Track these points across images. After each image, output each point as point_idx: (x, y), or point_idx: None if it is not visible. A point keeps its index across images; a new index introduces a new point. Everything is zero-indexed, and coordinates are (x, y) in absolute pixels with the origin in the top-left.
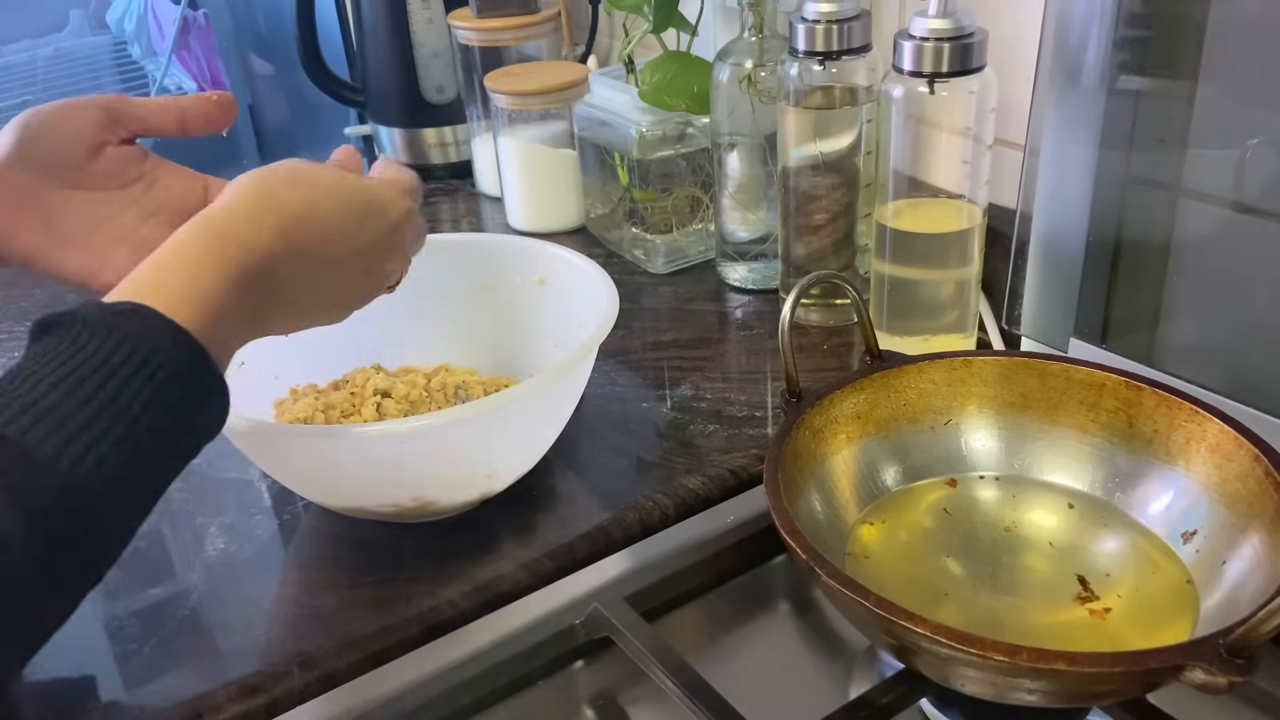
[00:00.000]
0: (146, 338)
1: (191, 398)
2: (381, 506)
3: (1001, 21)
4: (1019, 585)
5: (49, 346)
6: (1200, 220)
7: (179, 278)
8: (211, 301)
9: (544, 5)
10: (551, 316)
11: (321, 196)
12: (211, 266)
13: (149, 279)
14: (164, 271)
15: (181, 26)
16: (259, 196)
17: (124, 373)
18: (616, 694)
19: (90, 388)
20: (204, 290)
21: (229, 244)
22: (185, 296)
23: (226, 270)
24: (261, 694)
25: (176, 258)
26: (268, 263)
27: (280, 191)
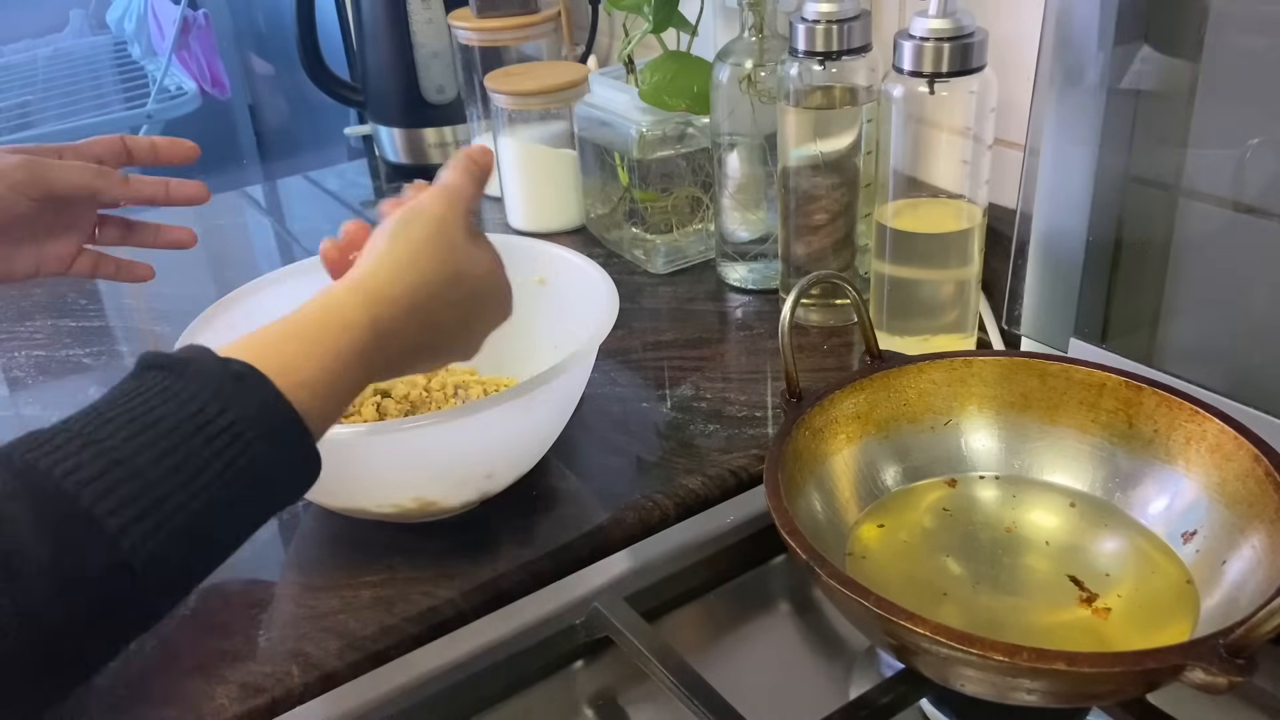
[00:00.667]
0: (249, 408)
1: (277, 471)
2: (381, 506)
3: (1001, 21)
4: (1019, 585)
5: (150, 383)
6: (1200, 220)
7: (303, 355)
8: (330, 380)
9: (544, 5)
10: (551, 316)
11: (466, 276)
12: (338, 346)
13: (273, 346)
14: (291, 345)
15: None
16: (406, 272)
17: (216, 442)
18: (616, 694)
19: (175, 451)
20: (324, 370)
21: (363, 328)
22: (302, 376)
23: (354, 348)
24: (261, 694)
25: (309, 328)
26: (393, 342)
27: (427, 270)
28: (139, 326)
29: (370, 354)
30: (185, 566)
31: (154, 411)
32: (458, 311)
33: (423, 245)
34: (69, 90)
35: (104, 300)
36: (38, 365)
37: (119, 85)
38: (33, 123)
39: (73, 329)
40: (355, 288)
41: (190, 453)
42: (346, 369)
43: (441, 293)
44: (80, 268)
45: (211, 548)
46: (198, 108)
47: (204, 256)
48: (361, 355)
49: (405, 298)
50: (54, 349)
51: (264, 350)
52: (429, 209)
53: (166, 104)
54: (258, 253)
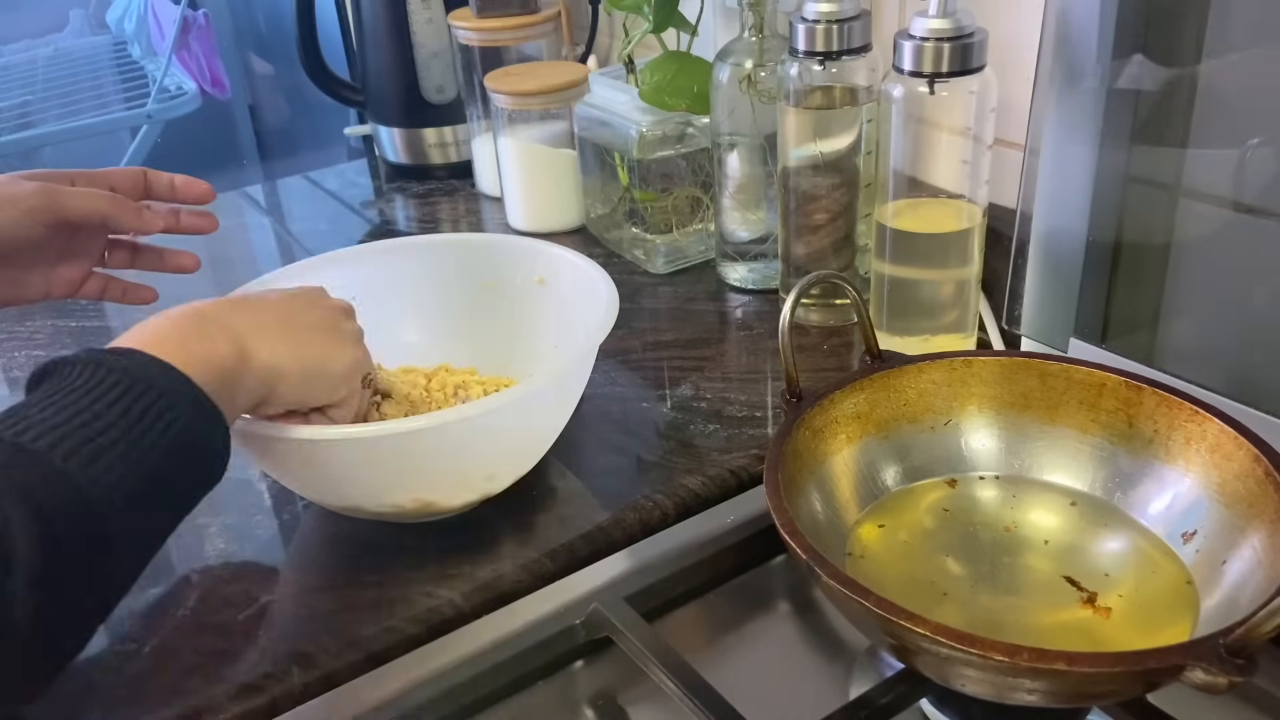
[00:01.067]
0: (147, 373)
1: (195, 429)
2: (381, 506)
3: (1001, 21)
4: (1019, 585)
5: (52, 385)
6: (1200, 220)
7: (164, 342)
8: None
9: (544, 5)
10: (551, 316)
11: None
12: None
13: (138, 339)
14: (147, 335)
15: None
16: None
17: (130, 402)
18: (616, 694)
19: (103, 414)
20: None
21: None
22: (174, 353)
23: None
24: (261, 694)
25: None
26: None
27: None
28: None
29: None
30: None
31: (73, 395)
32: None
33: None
34: (69, 90)
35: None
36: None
37: (119, 85)
38: (33, 123)
39: (73, 329)
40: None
41: (110, 406)
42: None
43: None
44: (89, 290)
45: (162, 488)
46: (198, 108)
47: (204, 256)
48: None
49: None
50: (54, 349)
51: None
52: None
53: (166, 104)
54: (258, 253)
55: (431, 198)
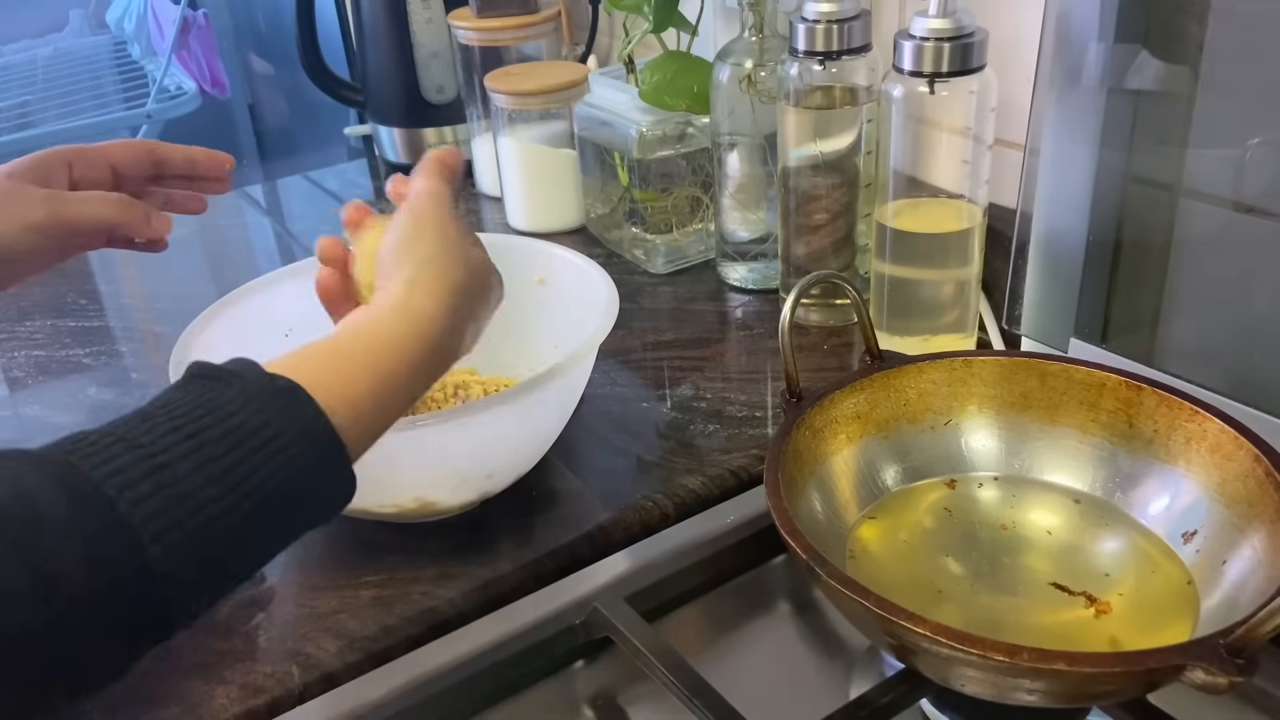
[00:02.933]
0: (291, 423)
1: (313, 488)
2: (381, 506)
3: (1001, 21)
4: (1019, 585)
5: (196, 392)
6: (1200, 220)
7: (350, 373)
8: (375, 400)
9: (544, 5)
10: (551, 316)
11: (474, 275)
12: (388, 365)
13: (319, 363)
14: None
15: (181, 26)
16: (438, 286)
17: (256, 456)
18: (616, 694)
19: (217, 461)
20: (371, 390)
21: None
22: (347, 394)
23: (406, 366)
24: (261, 694)
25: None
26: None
27: (452, 278)
28: (139, 326)
29: (418, 374)
30: (209, 580)
31: (199, 421)
32: (476, 303)
33: (440, 254)
34: (69, 90)
35: (104, 300)
36: (38, 365)
37: (119, 85)
38: (33, 123)
39: (73, 329)
40: (399, 310)
41: (231, 464)
42: (396, 388)
43: (468, 295)
44: None
45: (238, 563)
46: (198, 108)
47: (204, 256)
48: (410, 375)
49: (445, 311)
50: (54, 349)
51: (310, 367)
52: (425, 217)
53: (166, 104)
54: (258, 253)
55: None
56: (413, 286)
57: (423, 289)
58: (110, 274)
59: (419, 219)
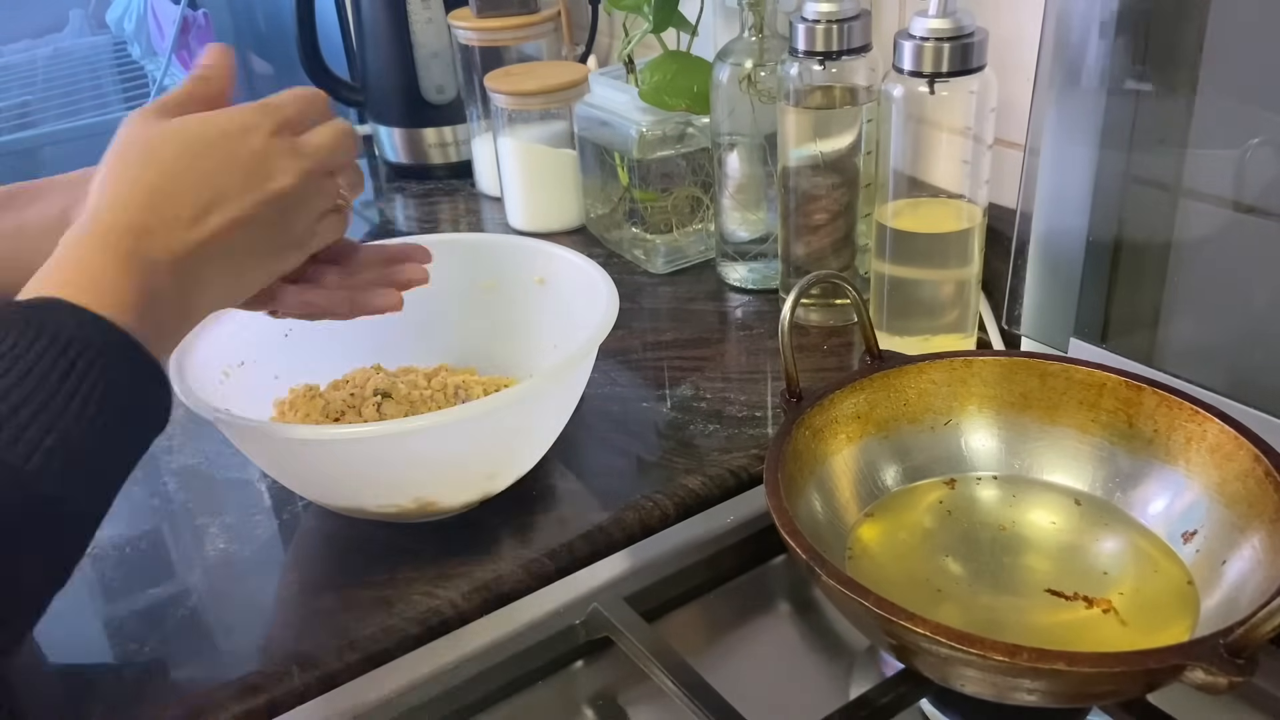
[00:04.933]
0: (64, 326)
1: (123, 384)
2: (381, 506)
3: (1001, 21)
4: (1019, 585)
5: None
6: (1200, 220)
7: (79, 275)
8: (117, 292)
9: (544, 5)
10: (551, 316)
11: (176, 155)
12: (103, 261)
13: (52, 280)
14: (63, 272)
15: (181, 26)
16: (118, 182)
17: (50, 364)
18: (616, 694)
19: (20, 384)
20: (105, 282)
21: (111, 235)
22: (89, 289)
23: (117, 260)
24: (261, 694)
25: (70, 260)
26: (150, 241)
27: (136, 168)
28: None
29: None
30: (88, 492)
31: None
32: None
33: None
34: (69, 90)
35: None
36: None
37: (119, 85)
38: (33, 123)
39: None
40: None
41: (28, 373)
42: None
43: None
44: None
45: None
46: None
47: None
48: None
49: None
50: None
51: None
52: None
53: None
54: None
55: (431, 198)
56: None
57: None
58: None
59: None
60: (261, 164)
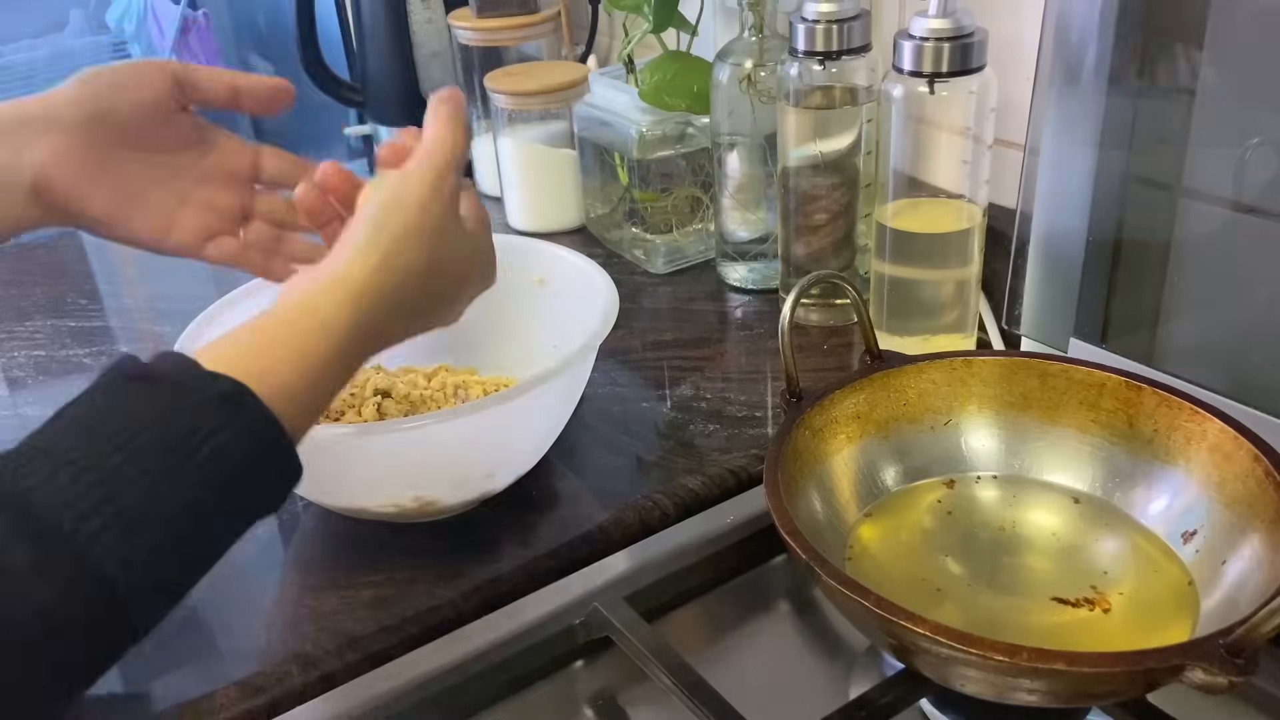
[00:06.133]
0: (236, 427)
1: (259, 484)
2: (381, 506)
3: (1001, 21)
4: (1019, 585)
5: (134, 399)
6: (1200, 220)
7: (284, 362)
8: (310, 386)
9: (544, 5)
10: (551, 316)
11: (449, 261)
12: (319, 350)
13: (254, 352)
14: (274, 351)
15: (181, 26)
16: (386, 268)
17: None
18: (616, 694)
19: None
20: (305, 377)
21: (344, 331)
22: (283, 383)
23: (335, 352)
24: (261, 694)
25: (289, 332)
26: (374, 340)
27: (408, 263)
28: (139, 326)
29: (350, 355)
30: (167, 585)
31: (141, 436)
32: (440, 296)
33: (404, 236)
34: None
35: (104, 300)
36: (38, 365)
37: None
38: None
39: (73, 329)
40: (334, 285)
41: (179, 478)
42: (327, 372)
43: (423, 283)
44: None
45: (192, 565)
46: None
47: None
48: (343, 358)
49: (386, 295)
50: (54, 349)
51: (245, 359)
52: (413, 193)
53: None
54: None
55: None
56: (358, 258)
57: (369, 265)
58: (110, 274)
59: (404, 191)
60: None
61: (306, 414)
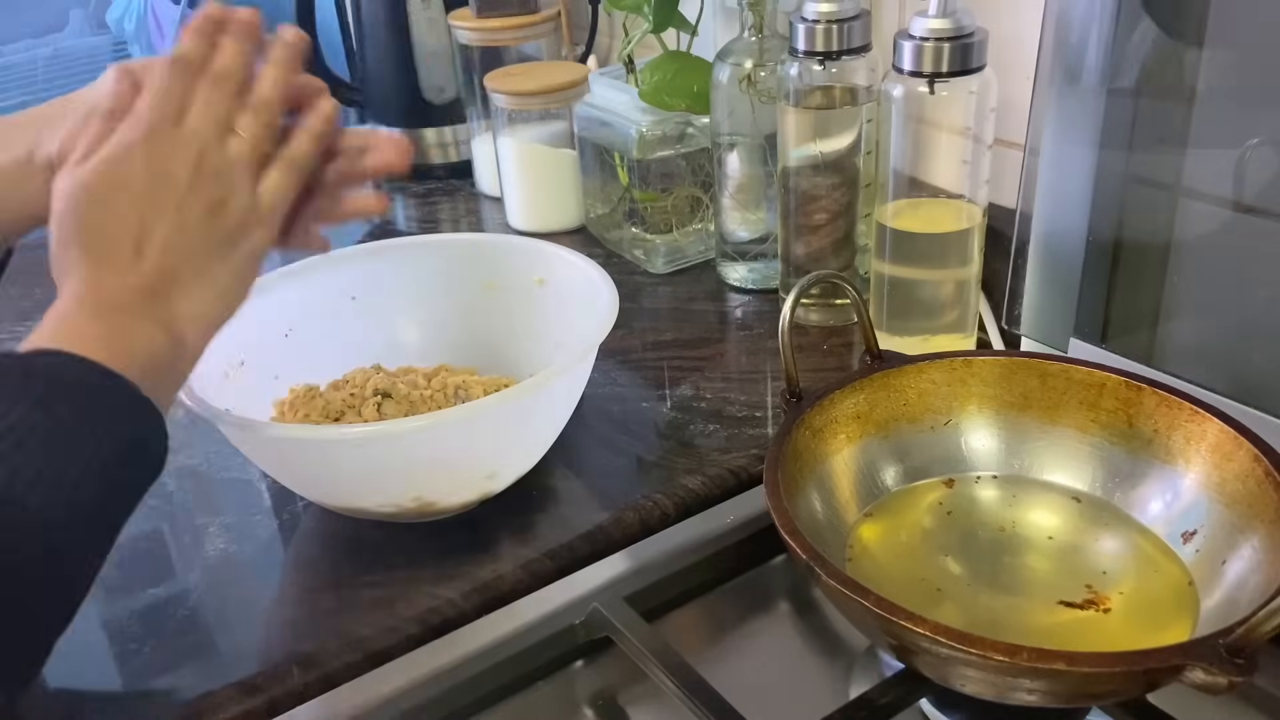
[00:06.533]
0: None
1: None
2: (381, 506)
3: (1001, 21)
4: (1019, 585)
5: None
6: (1200, 220)
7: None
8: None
9: (544, 5)
10: (551, 316)
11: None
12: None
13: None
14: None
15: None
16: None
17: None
18: (616, 694)
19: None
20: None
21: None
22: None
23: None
24: (261, 694)
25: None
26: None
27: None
28: None
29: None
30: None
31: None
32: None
33: None
34: (69, 90)
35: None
36: None
37: None
38: None
39: None
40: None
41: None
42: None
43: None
44: None
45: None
46: None
47: None
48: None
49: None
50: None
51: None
52: None
53: None
54: None
55: (431, 198)
56: None
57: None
58: None
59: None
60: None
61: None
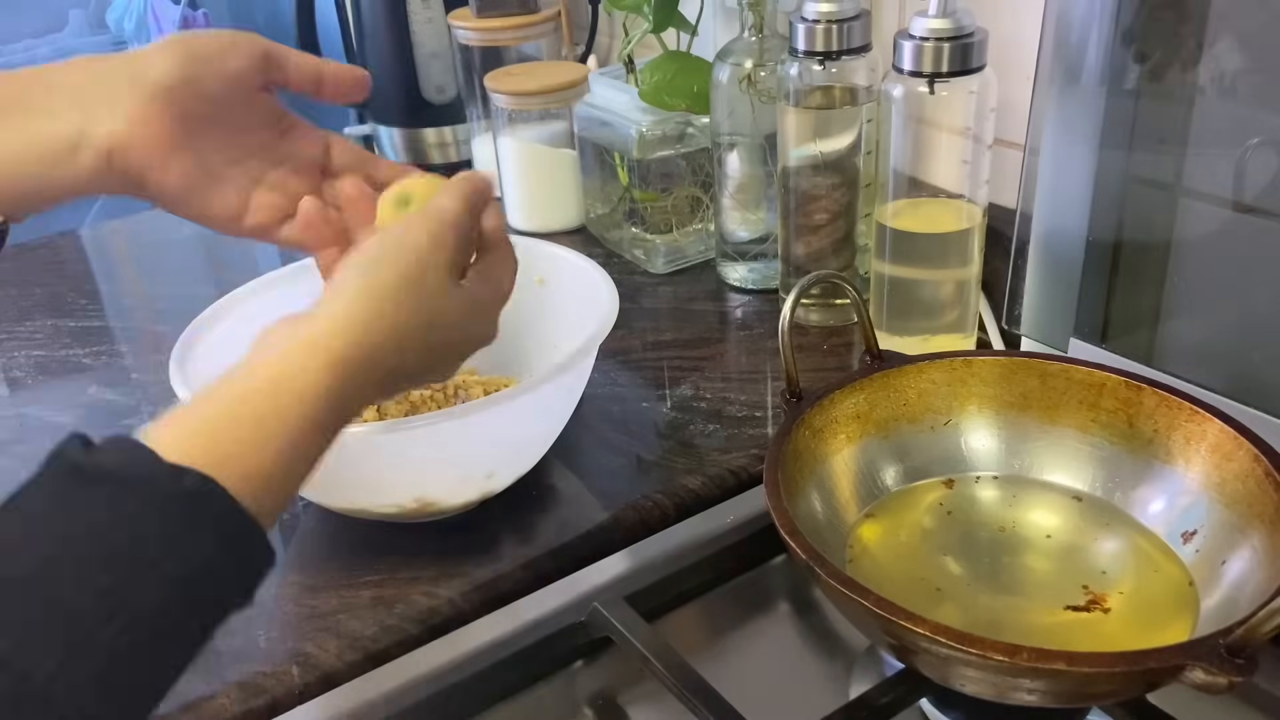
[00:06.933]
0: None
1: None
2: (381, 506)
3: (1001, 21)
4: (1019, 585)
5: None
6: (1200, 220)
7: (259, 446)
8: (285, 466)
9: (544, 5)
10: (551, 316)
11: (434, 326)
12: (294, 424)
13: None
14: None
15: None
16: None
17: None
18: (616, 694)
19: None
20: (278, 457)
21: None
22: (254, 467)
23: (312, 422)
24: (261, 694)
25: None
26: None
27: (396, 322)
28: (139, 326)
29: (328, 427)
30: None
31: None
32: (430, 355)
33: (395, 291)
34: None
35: (104, 300)
36: (38, 365)
37: None
38: None
39: (73, 329)
40: (314, 348)
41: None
42: (303, 447)
43: (411, 344)
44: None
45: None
46: None
47: (204, 256)
48: (320, 430)
49: (370, 358)
50: (54, 349)
51: (211, 441)
52: (409, 242)
53: None
54: (258, 253)
55: None
56: (343, 314)
57: (354, 323)
58: (110, 274)
59: (400, 240)
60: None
61: (280, 495)
